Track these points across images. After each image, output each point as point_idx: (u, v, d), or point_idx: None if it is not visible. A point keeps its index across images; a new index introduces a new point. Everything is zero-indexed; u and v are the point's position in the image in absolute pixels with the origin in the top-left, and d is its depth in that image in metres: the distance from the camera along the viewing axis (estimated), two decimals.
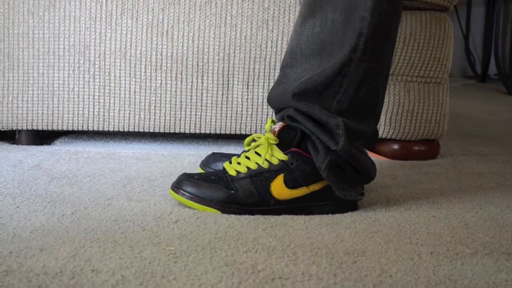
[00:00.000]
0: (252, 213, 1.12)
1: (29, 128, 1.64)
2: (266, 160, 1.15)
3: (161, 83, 1.62)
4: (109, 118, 1.63)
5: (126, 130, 1.64)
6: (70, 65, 1.61)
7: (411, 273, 0.88)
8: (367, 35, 1.10)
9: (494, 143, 1.97)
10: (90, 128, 1.64)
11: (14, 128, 1.64)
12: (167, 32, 1.60)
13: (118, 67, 1.61)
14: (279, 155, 1.15)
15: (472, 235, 1.05)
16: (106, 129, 1.64)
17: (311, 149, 1.14)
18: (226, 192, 1.13)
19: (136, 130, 1.64)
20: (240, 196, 1.13)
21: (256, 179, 1.14)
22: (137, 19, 1.60)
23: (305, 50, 1.17)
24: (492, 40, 4.10)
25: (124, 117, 1.63)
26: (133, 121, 1.63)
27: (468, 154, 1.78)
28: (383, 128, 1.65)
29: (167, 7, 1.60)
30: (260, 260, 0.90)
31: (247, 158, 1.17)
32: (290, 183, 1.14)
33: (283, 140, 1.16)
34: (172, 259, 0.90)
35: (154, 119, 1.63)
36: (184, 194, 1.13)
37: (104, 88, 1.62)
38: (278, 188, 1.13)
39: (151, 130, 1.65)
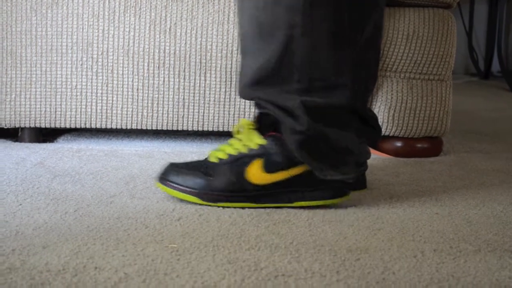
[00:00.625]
0: (232, 200, 1.12)
1: (32, 125, 1.64)
2: (245, 145, 1.14)
3: (164, 81, 1.62)
4: (112, 116, 1.63)
5: (129, 127, 1.64)
6: (73, 62, 1.61)
7: (414, 270, 0.88)
8: (301, 9, 1.06)
9: (497, 140, 1.97)
10: (93, 126, 1.64)
11: (17, 125, 1.64)
12: (170, 29, 1.60)
13: (121, 65, 1.61)
14: (258, 140, 1.14)
15: (475, 232, 1.05)
16: (109, 126, 1.64)
17: (283, 132, 1.12)
18: (205, 179, 1.12)
19: (139, 127, 1.64)
20: (218, 182, 1.12)
21: (235, 164, 1.13)
22: (140, 16, 1.60)
23: (249, 33, 1.14)
24: (495, 37, 4.09)
25: (127, 114, 1.63)
26: (136, 118, 1.63)
27: (471, 151, 1.78)
28: (386, 125, 1.65)
29: (170, 4, 1.59)
30: (263, 258, 0.90)
31: (230, 145, 1.17)
32: (269, 167, 1.12)
33: (262, 124, 1.15)
34: (175, 256, 0.90)
35: (157, 116, 1.63)
36: (167, 183, 1.14)
37: (107, 86, 1.62)
38: (256, 173, 1.12)
39: (154, 128, 1.65)
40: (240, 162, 1.13)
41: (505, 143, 1.92)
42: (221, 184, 1.12)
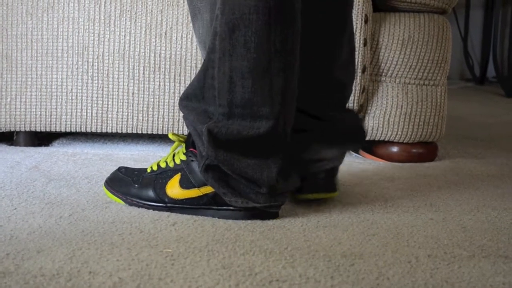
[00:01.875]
0: (152, 208, 1.15)
1: (27, 129, 1.64)
2: (173, 159, 1.17)
3: (159, 85, 1.62)
4: (107, 120, 1.63)
5: (124, 131, 1.64)
6: (69, 66, 1.61)
7: (409, 276, 0.88)
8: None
9: (492, 146, 1.97)
10: (88, 130, 1.64)
11: (12, 129, 1.64)
12: (165, 33, 1.60)
13: (117, 69, 1.61)
14: (181, 156, 1.16)
15: (469, 238, 1.05)
16: (104, 130, 1.64)
17: (197, 151, 1.13)
18: (131, 186, 1.18)
19: (134, 131, 1.64)
20: (139, 191, 1.17)
21: (160, 176, 1.16)
22: (135, 20, 1.60)
23: (200, 49, 1.18)
24: (491, 43, 4.10)
25: (122, 118, 1.63)
26: (131, 122, 1.63)
27: (466, 156, 1.78)
28: (381, 130, 1.65)
29: (166, 8, 1.60)
30: (257, 263, 0.90)
31: (165, 158, 1.21)
32: (184, 183, 1.14)
33: (189, 140, 1.17)
34: (170, 261, 0.90)
35: (152, 120, 1.63)
36: (106, 185, 1.21)
37: (102, 90, 1.62)
38: (173, 187, 1.14)
39: (149, 132, 1.64)
40: (164, 175, 1.16)
41: (500, 148, 1.93)
42: (142, 193, 1.17)
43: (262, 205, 1.10)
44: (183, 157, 1.15)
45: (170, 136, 1.20)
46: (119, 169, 1.23)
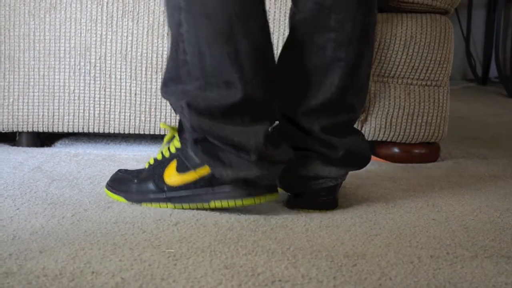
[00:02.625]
0: (153, 200, 1.16)
1: (30, 130, 1.64)
2: (168, 149, 1.18)
3: None
4: (109, 120, 1.63)
5: (126, 132, 1.64)
6: (71, 67, 1.61)
7: (411, 276, 0.88)
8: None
9: (494, 146, 1.97)
10: (91, 130, 1.64)
11: (15, 130, 1.64)
12: (168, 34, 1.60)
13: (119, 69, 1.61)
14: (176, 143, 1.17)
15: (472, 238, 1.05)
16: (106, 131, 1.64)
17: (186, 132, 1.14)
18: (132, 182, 1.19)
19: (137, 132, 1.64)
20: (139, 186, 1.18)
21: (157, 167, 1.18)
22: (138, 21, 1.60)
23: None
24: (493, 43, 4.10)
25: (124, 119, 1.63)
26: (133, 123, 1.63)
27: (468, 157, 1.78)
28: (384, 131, 1.65)
29: None
30: (260, 263, 0.90)
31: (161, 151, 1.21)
32: (180, 168, 1.15)
33: (181, 127, 1.17)
34: (172, 261, 0.90)
35: (155, 121, 1.63)
36: (107, 186, 1.23)
37: (104, 90, 1.62)
38: (170, 175, 1.15)
39: (151, 132, 1.65)
40: (161, 165, 1.17)
41: (502, 149, 1.93)
42: (142, 187, 1.18)
43: (254, 175, 1.10)
44: (178, 145, 1.16)
45: (161, 125, 1.21)
46: (119, 170, 1.24)
